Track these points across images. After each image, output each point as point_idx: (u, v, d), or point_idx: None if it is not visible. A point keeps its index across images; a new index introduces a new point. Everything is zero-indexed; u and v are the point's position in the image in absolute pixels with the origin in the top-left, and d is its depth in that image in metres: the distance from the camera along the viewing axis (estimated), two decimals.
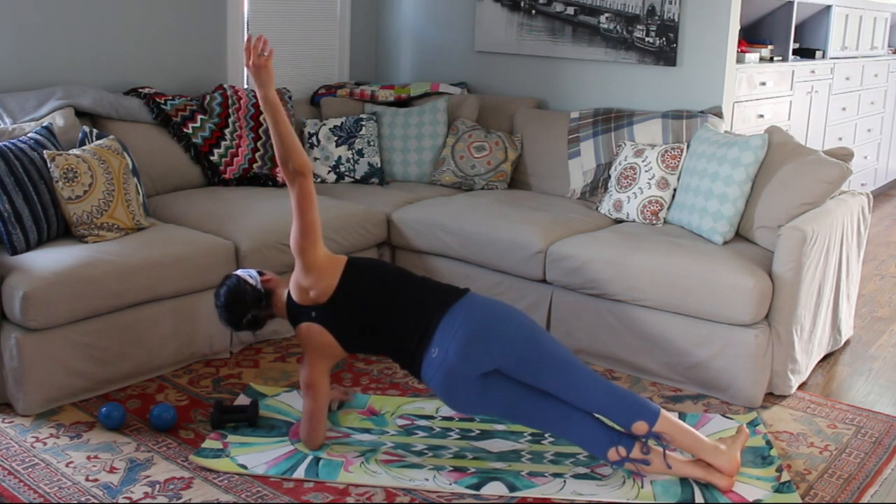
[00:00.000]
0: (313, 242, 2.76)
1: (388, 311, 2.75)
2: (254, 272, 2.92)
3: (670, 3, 4.30)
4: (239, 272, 2.92)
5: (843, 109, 6.32)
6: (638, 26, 4.44)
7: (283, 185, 4.37)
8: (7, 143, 3.27)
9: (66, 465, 2.71)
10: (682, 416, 3.14)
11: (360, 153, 4.58)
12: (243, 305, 2.84)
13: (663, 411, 2.63)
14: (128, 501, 2.52)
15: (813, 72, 5.72)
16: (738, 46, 4.94)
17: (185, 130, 4.22)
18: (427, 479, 2.68)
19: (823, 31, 6.08)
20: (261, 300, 2.85)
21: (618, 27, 4.51)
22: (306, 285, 2.77)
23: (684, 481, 2.68)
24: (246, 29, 4.76)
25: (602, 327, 3.55)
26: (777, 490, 2.66)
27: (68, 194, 3.30)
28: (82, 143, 3.55)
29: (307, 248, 2.75)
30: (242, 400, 3.18)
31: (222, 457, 2.78)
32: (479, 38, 5.05)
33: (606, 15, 4.54)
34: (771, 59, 5.30)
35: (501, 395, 2.66)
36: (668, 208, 3.86)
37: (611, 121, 4.31)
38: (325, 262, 2.79)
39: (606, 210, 4.04)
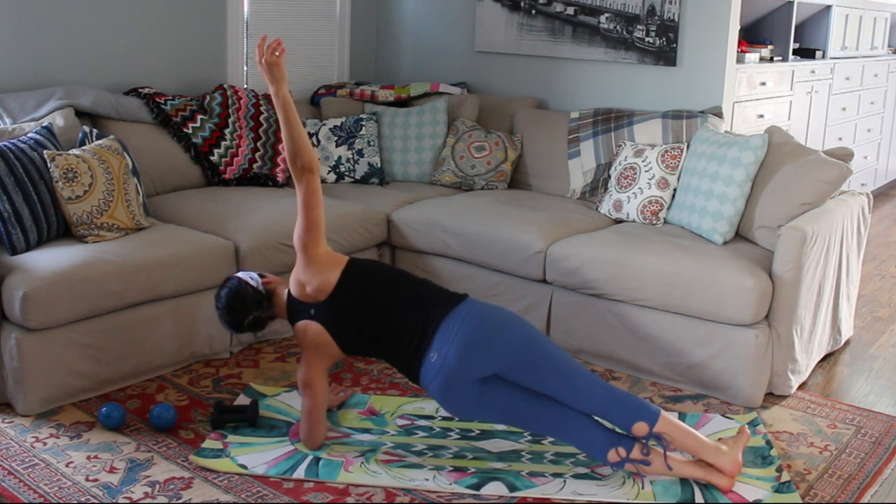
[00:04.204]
0: (316, 239, 2.77)
1: (387, 314, 2.75)
2: (254, 274, 2.92)
3: (670, 3, 4.30)
4: (239, 274, 2.92)
5: (843, 109, 6.32)
6: (638, 26, 4.44)
7: (283, 185, 4.37)
8: (7, 143, 3.27)
9: (66, 465, 2.71)
10: (682, 417, 3.14)
11: (360, 153, 4.58)
12: (244, 307, 2.83)
13: (663, 412, 2.63)
14: (128, 501, 2.52)
15: (813, 72, 5.72)
16: (738, 46, 4.94)
17: (185, 130, 4.22)
18: (427, 479, 2.68)
19: (823, 31, 6.09)
20: (262, 301, 2.86)
21: (618, 27, 4.51)
22: (304, 280, 2.78)
23: (684, 481, 2.68)
24: (246, 29, 4.76)
25: (602, 327, 3.55)
26: (777, 490, 2.66)
27: (68, 194, 3.30)
28: (82, 143, 3.55)
29: (309, 244, 2.76)
30: (242, 400, 3.19)
31: (222, 457, 2.78)
32: (479, 38, 5.05)
33: (606, 15, 4.54)
34: (771, 59, 5.30)
35: (500, 400, 2.65)
36: (668, 208, 3.86)
37: (611, 121, 4.31)
38: (325, 259, 2.80)
39: (606, 210, 4.04)
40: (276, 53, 2.71)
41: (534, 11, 4.80)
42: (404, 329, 2.72)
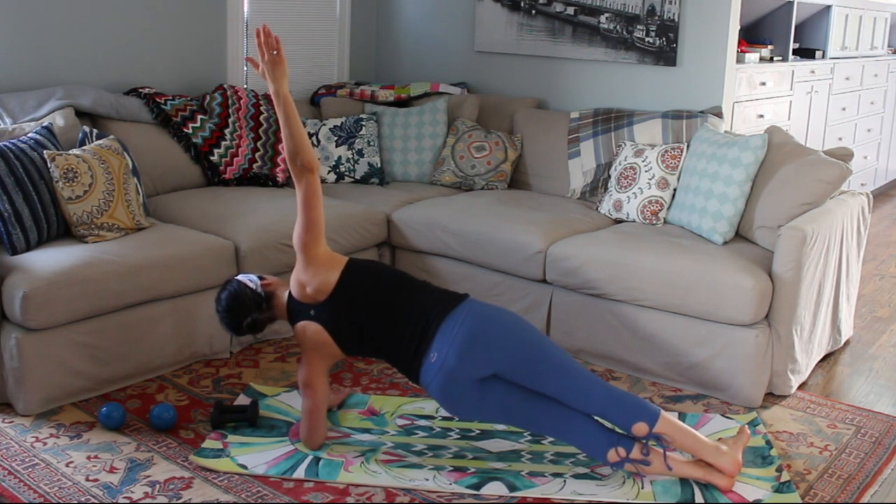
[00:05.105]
0: (316, 238, 2.77)
1: (386, 314, 2.75)
2: (254, 277, 2.93)
3: (670, 3, 4.30)
4: (239, 277, 2.93)
5: (843, 109, 6.32)
6: (638, 26, 4.44)
7: (283, 185, 4.37)
8: (7, 143, 3.27)
9: (66, 465, 2.71)
10: (682, 416, 3.14)
11: (360, 153, 4.58)
12: (244, 309, 2.84)
13: (663, 412, 2.63)
14: (128, 501, 2.52)
15: (813, 72, 5.72)
16: (738, 46, 4.94)
17: (185, 130, 4.23)
18: (427, 479, 2.68)
19: (823, 31, 6.09)
20: (261, 303, 2.86)
21: (618, 27, 4.51)
22: (304, 280, 2.78)
23: (684, 481, 2.68)
24: (246, 29, 4.76)
25: (602, 327, 3.55)
26: (777, 490, 2.66)
27: (68, 194, 3.30)
28: (82, 143, 3.55)
29: (309, 244, 2.76)
30: (242, 400, 3.19)
31: (222, 457, 2.78)
32: (479, 38, 5.05)
33: (606, 15, 4.54)
34: (771, 59, 5.30)
35: (500, 400, 2.65)
36: (668, 208, 3.86)
37: (611, 121, 4.31)
38: (325, 259, 2.80)
39: (606, 210, 4.04)
40: (275, 52, 2.72)
41: (534, 11, 4.80)
42: (404, 329, 2.72)
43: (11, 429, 2.93)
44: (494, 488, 2.64)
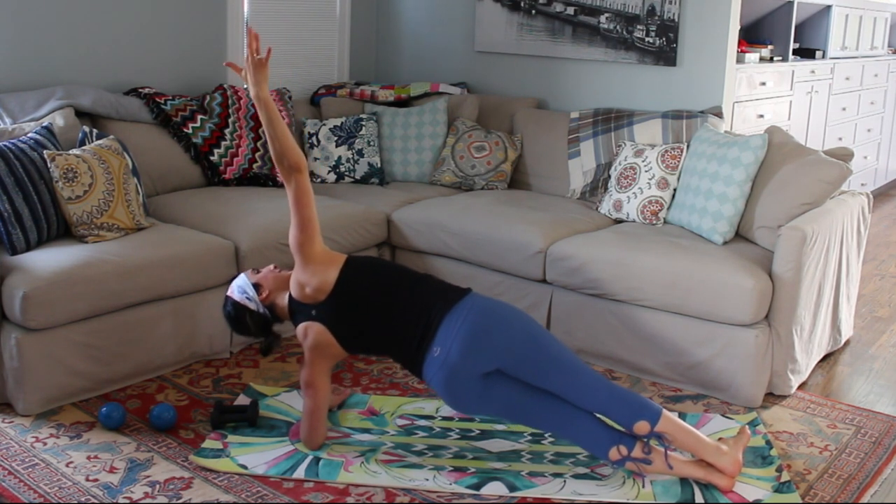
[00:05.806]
0: (311, 238, 2.78)
1: (388, 310, 2.75)
2: (250, 290, 2.89)
3: (670, 3, 4.30)
4: (235, 295, 2.91)
5: (843, 109, 6.32)
6: (638, 26, 4.43)
7: (283, 185, 4.37)
8: (7, 143, 3.27)
9: (66, 465, 2.71)
10: (682, 416, 3.14)
11: (360, 153, 4.58)
12: (252, 333, 2.93)
13: (665, 411, 2.63)
14: (128, 501, 2.52)
15: (813, 72, 5.72)
16: (738, 46, 4.94)
17: (185, 130, 4.22)
18: (427, 479, 2.68)
19: (823, 31, 6.09)
20: (268, 323, 2.89)
21: (618, 27, 4.51)
22: (303, 280, 2.78)
23: (684, 481, 2.68)
24: (246, 29, 4.76)
25: (602, 327, 3.55)
26: (777, 490, 2.66)
27: (68, 194, 3.30)
28: (82, 143, 3.55)
29: (305, 244, 2.77)
30: (242, 400, 3.19)
31: (222, 457, 2.78)
32: (479, 38, 5.05)
33: (606, 15, 4.54)
34: (771, 59, 5.30)
35: (503, 395, 2.66)
36: (668, 208, 3.86)
37: (611, 121, 4.31)
38: (322, 258, 2.80)
39: (606, 210, 4.04)
40: (261, 55, 2.73)
41: (534, 11, 4.80)
42: (406, 324, 2.71)
43: (11, 429, 2.93)
44: (494, 488, 2.64)
